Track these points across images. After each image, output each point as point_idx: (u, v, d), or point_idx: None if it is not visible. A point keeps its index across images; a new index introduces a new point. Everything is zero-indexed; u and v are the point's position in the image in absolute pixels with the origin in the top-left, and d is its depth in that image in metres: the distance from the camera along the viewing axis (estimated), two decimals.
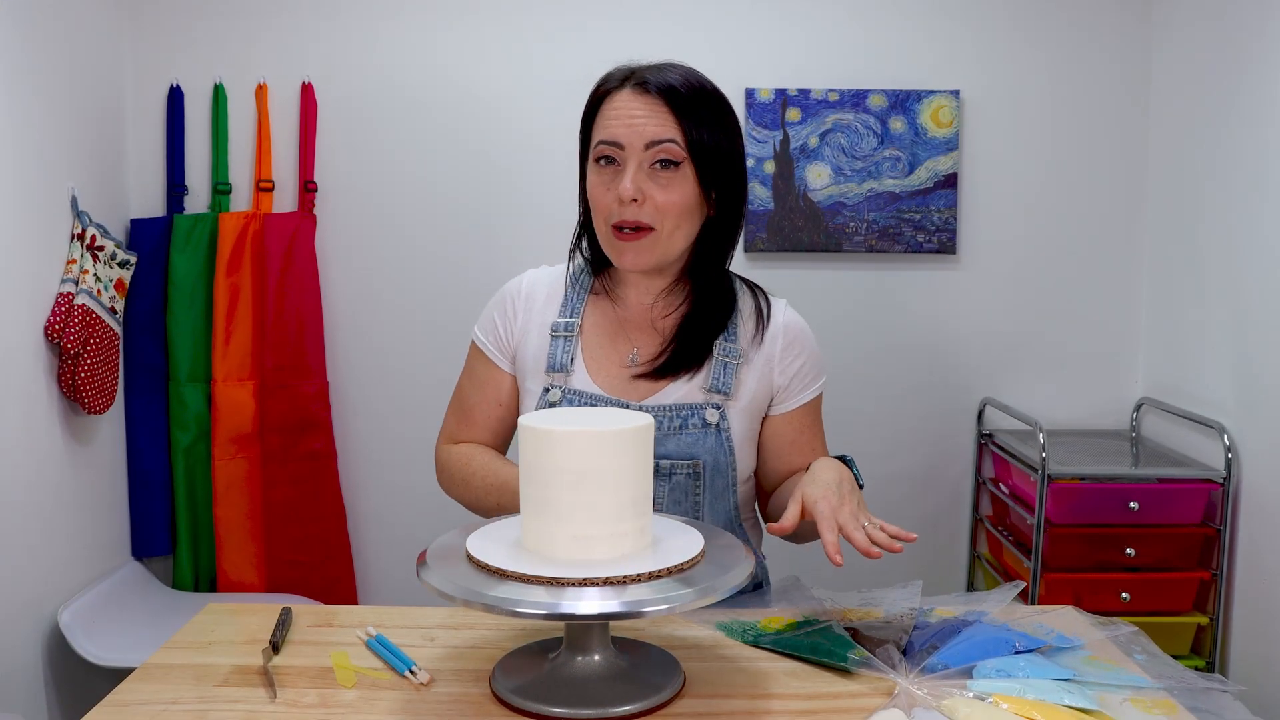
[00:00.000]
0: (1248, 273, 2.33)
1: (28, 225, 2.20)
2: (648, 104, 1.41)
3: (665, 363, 1.49)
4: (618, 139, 1.41)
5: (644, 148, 1.40)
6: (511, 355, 1.55)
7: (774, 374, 1.53)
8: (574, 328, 1.52)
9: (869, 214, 2.74)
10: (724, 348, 1.50)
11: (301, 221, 2.67)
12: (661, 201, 1.41)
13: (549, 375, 1.50)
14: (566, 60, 2.70)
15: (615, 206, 1.42)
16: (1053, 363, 2.83)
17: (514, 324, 1.55)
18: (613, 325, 1.53)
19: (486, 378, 1.57)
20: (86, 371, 2.33)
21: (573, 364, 1.50)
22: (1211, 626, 2.38)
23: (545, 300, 1.55)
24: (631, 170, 1.40)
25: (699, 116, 1.42)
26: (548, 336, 1.52)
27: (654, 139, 1.39)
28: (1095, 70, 2.76)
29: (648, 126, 1.40)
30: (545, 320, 1.54)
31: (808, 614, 1.36)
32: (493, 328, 1.57)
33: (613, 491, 1.10)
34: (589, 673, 1.15)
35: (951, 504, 2.88)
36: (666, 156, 1.40)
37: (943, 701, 1.11)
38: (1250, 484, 2.33)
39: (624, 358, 1.51)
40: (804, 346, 1.56)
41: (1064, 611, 1.40)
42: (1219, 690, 1.19)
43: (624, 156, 1.41)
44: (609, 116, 1.42)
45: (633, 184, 1.39)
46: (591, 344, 1.52)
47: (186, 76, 2.69)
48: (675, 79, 1.42)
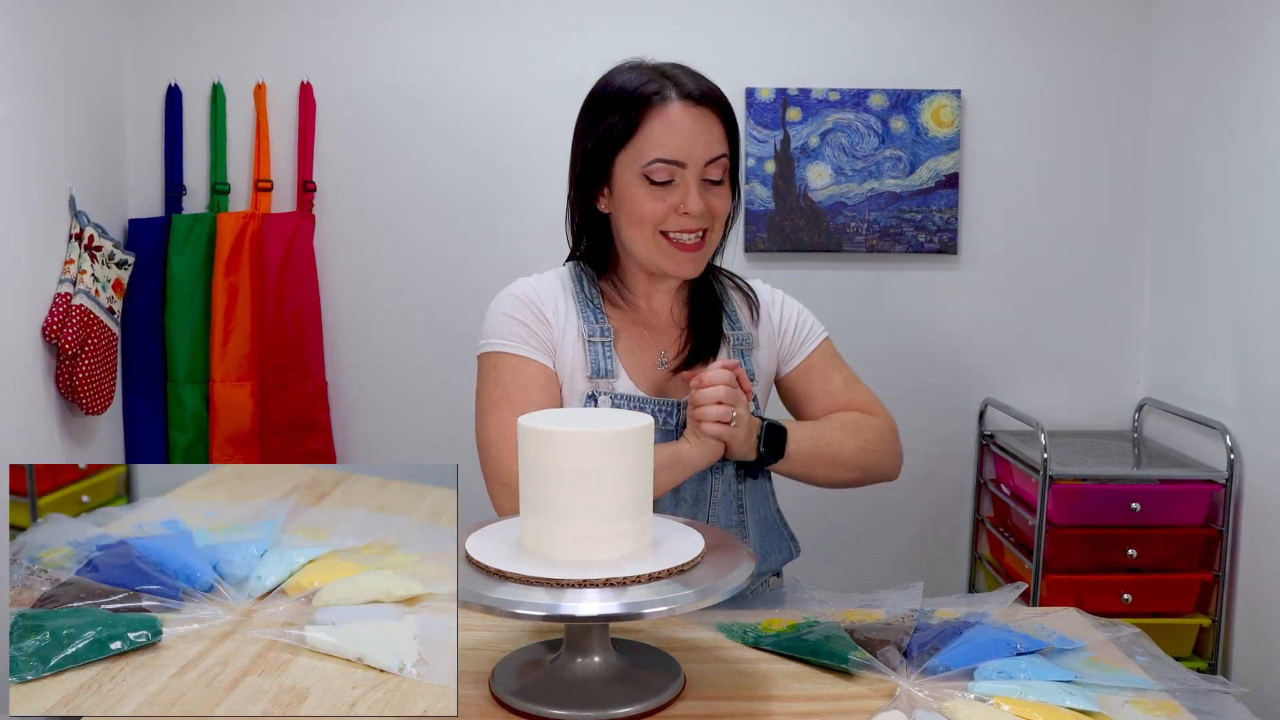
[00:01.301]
0: (1249, 273, 2.33)
1: (26, 225, 2.19)
2: (703, 119, 1.46)
3: (692, 351, 1.54)
4: (679, 156, 1.44)
5: (704, 164, 1.45)
6: (553, 357, 1.51)
7: (777, 342, 1.62)
8: (609, 334, 1.52)
9: (870, 214, 2.73)
10: (735, 335, 1.57)
11: (300, 221, 2.67)
12: (716, 209, 1.49)
13: (593, 381, 1.50)
14: (566, 60, 2.69)
15: (671, 217, 1.46)
16: (1054, 363, 2.82)
17: (549, 326, 1.51)
18: (637, 331, 1.56)
19: (545, 380, 1.49)
20: (84, 372, 2.32)
21: (616, 369, 1.51)
22: (1213, 628, 2.38)
23: (564, 307, 1.54)
24: (695, 185, 1.45)
25: (734, 123, 1.51)
26: (580, 342, 1.51)
27: (714, 155, 1.46)
28: (1096, 70, 2.75)
29: (709, 145, 1.46)
30: (574, 326, 1.52)
31: (808, 615, 1.35)
32: (526, 331, 1.50)
33: (613, 492, 1.10)
34: (589, 674, 1.15)
35: (952, 505, 2.87)
36: (720, 171, 1.48)
37: (944, 703, 1.11)
38: (1252, 485, 2.32)
39: (654, 361, 1.55)
40: (791, 306, 1.65)
41: (1065, 613, 1.40)
42: (1221, 692, 1.19)
43: (684, 174, 1.45)
44: (665, 132, 1.44)
45: (701, 198, 1.45)
46: (625, 349, 1.54)
47: (185, 76, 2.68)
48: (711, 88, 1.48)
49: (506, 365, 1.49)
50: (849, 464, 1.56)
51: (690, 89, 1.45)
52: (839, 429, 1.57)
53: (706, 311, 1.57)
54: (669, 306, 1.58)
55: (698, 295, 1.58)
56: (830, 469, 1.55)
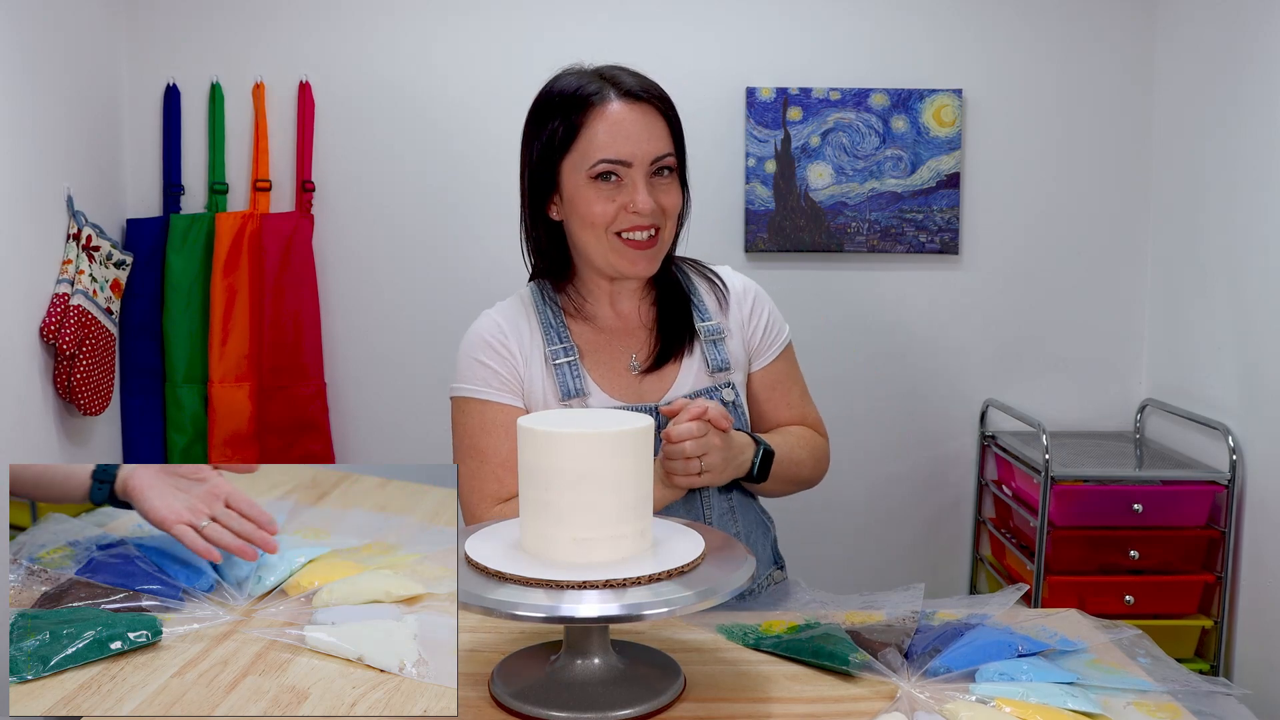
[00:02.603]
0: (1252, 273, 2.32)
1: (23, 225, 2.19)
2: (645, 116, 1.46)
3: (661, 350, 1.54)
4: (624, 156, 1.44)
5: (650, 162, 1.45)
6: (521, 393, 1.52)
7: (747, 334, 1.60)
8: (573, 351, 1.53)
9: (871, 214, 2.73)
10: (705, 327, 1.56)
11: (299, 221, 2.66)
12: (667, 206, 1.48)
13: (565, 403, 1.51)
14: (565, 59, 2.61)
15: (621, 216, 1.46)
16: (1056, 364, 2.82)
17: (515, 361, 1.52)
18: (602, 339, 1.56)
19: (509, 422, 1.47)
20: (82, 373, 2.32)
21: (586, 385, 1.52)
22: (1216, 629, 2.37)
23: (528, 334, 1.54)
24: (642, 183, 1.45)
25: (677, 118, 1.51)
26: (547, 368, 1.52)
27: (659, 153, 1.46)
28: (1099, 69, 2.75)
29: (653, 141, 1.45)
30: (539, 352, 1.53)
31: (809, 617, 1.35)
32: (491, 373, 1.51)
33: (613, 493, 1.10)
34: (588, 676, 1.14)
35: (954, 506, 2.87)
36: (667, 167, 1.47)
37: (945, 705, 1.11)
38: (1255, 486, 2.31)
39: (625, 365, 1.55)
40: (762, 301, 1.63)
41: (1067, 614, 1.40)
42: (1223, 694, 1.19)
43: (631, 172, 1.45)
44: (607, 133, 1.44)
45: (650, 195, 1.45)
46: (593, 361, 1.54)
47: (183, 75, 2.68)
48: (650, 85, 1.49)
49: (473, 411, 1.52)
50: (799, 482, 1.59)
51: (629, 86, 1.46)
52: (803, 449, 1.59)
53: (673, 309, 1.57)
54: (635, 309, 1.58)
55: (664, 293, 1.58)
56: (784, 485, 1.58)
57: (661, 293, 1.58)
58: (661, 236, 1.49)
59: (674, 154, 1.48)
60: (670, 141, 1.48)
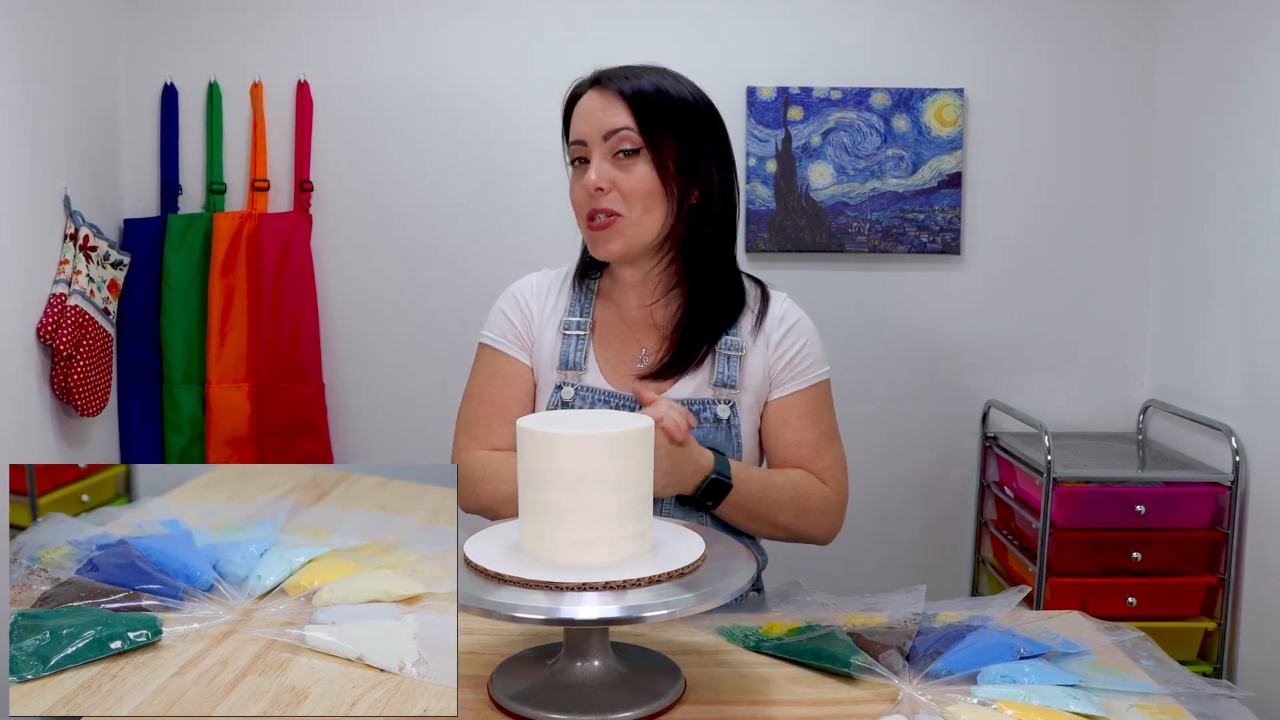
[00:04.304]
0: (1255, 273, 2.32)
1: (20, 225, 2.18)
2: (605, 98, 1.48)
3: (667, 362, 1.52)
4: (581, 136, 1.49)
5: (603, 139, 1.47)
6: (530, 350, 1.58)
7: (771, 358, 1.57)
8: (586, 326, 1.56)
9: (872, 214, 2.73)
10: (726, 341, 1.54)
11: (297, 221, 2.66)
12: (626, 187, 1.47)
13: (562, 372, 1.54)
14: (566, 59, 2.66)
15: (587, 198, 1.49)
16: (1058, 364, 2.81)
17: (531, 320, 1.58)
18: (621, 326, 1.57)
19: (514, 375, 1.57)
20: (79, 373, 2.31)
21: (586, 362, 1.54)
22: (1219, 631, 2.37)
23: (555, 299, 1.60)
24: (596, 161, 1.47)
25: (654, 102, 1.48)
26: (558, 334, 1.56)
27: (611, 128, 1.47)
28: (1101, 68, 2.74)
29: (604, 118, 1.47)
30: (557, 318, 1.58)
31: (810, 619, 1.35)
32: (509, 326, 1.58)
33: (613, 494, 1.09)
34: (588, 678, 1.14)
35: (955, 507, 2.86)
36: (626, 144, 1.46)
37: (946, 707, 1.10)
38: (1258, 487, 2.31)
39: (634, 358, 1.56)
40: (801, 333, 1.59)
41: (1069, 616, 1.39)
42: (1226, 696, 1.18)
43: (589, 151, 1.48)
44: (577, 119, 1.51)
45: (598, 174, 1.46)
46: (603, 343, 1.56)
47: (181, 75, 2.67)
48: (633, 74, 1.50)
49: (486, 358, 1.59)
50: (777, 526, 1.51)
51: (600, 75, 1.51)
52: (783, 492, 1.50)
53: (697, 321, 1.53)
54: (647, 305, 1.57)
55: (694, 301, 1.54)
56: (758, 525, 1.52)
57: (690, 306, 1.54)
58: (626, 220, 1.47)
59: (636, 134, 1.45)
60: (630, 119, 1.45)
